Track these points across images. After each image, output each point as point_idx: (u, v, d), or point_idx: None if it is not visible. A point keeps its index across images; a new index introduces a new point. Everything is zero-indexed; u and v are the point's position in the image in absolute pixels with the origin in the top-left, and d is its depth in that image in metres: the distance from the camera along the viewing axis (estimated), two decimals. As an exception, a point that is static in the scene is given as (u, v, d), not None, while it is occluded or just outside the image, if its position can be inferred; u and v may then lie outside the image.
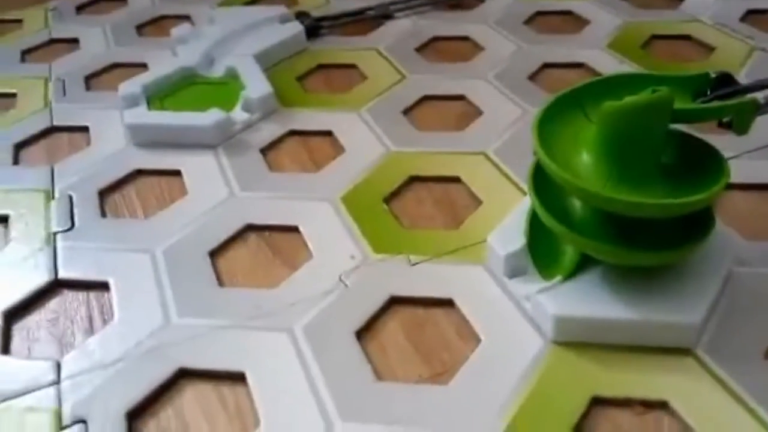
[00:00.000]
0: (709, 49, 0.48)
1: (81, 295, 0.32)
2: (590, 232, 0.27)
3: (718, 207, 0.34)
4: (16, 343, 0.30)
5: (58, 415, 0.26)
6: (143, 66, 0.50)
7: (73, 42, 0.55)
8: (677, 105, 0.26)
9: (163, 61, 0.49)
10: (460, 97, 0.45)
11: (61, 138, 0.44)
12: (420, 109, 0.44)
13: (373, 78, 0.47)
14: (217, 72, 0.47)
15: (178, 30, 0.52)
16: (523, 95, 0.44)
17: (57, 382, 0.27)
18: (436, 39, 0.52)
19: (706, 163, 0.27)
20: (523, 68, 0.47)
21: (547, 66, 0.47)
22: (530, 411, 0.25)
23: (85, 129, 0.44)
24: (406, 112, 0.44)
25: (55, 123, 0.45)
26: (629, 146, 0.26)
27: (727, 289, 0.29)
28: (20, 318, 0.31)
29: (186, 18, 0.57)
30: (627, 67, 0.46)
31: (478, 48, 0.50)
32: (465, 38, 0.51)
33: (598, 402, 0.25)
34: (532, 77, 0.46)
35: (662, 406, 0.25)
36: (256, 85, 0.44)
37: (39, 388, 0.27)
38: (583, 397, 0.25)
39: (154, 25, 0.57)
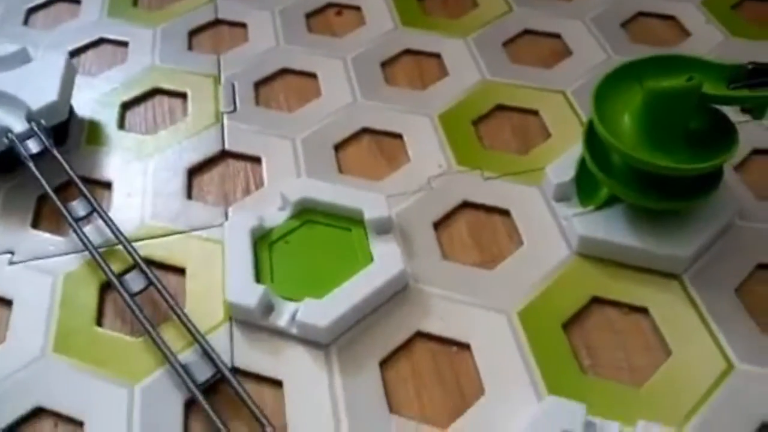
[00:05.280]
0: (799, 16, 0.52)
1: (240, 164, 0.43)
2: (621, 179, 0.35)
3: (747, 168, 0.41)
4: (195, 192, 0.42)
5: (223, 246, 0.38)
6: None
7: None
8: (708, 90, 0.33)
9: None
10: (557, 35, 0.52)
11: (224, 31, 0.55)
12: (519, 42, 0.51)
13: (483, 6, 0.55)
14: None
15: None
16: (612, 41, 0.50)
17: (224, 223, 0.39)
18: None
19: (724, 134, 0.35)
20: (619, 13, 0.53)
21: (641, 14, 0.53)
22: (547, 296, 0.35)
23: (243, 25, 0.54)
24: (506, 44, 0.51)
25: (219, 16, 0.56)
26: (662, 118, 0.34)
27: (727, 235, 0.37)
28: (198, 175, 0.43)
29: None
30: (712, 27, 0.51)
31: (582, -13, 0.56)
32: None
33: (596, 300, 0.35)
34: (625, 24, 0.52)
35: (643, 311, 0.34)
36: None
37: (213, 226, 0.39)
38: (586, 294, 0.35)
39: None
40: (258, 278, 0.35)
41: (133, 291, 0.35)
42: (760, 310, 0.34)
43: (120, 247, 0.37)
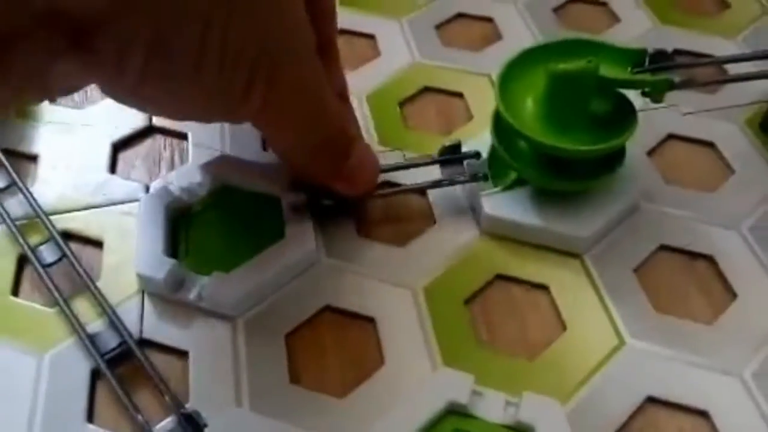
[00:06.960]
0: (725, 5, 0.53)
1: (167, 140, 0.44)
2: (524, 161, 0.37)
3: (660, 152, 0.43)
4: (119, 167, 0.43)
5: (144, 221, 0.39)
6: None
7: None
8: (608, 73, 0.34)
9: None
10: (489, 19, 0.52)
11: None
12: (451, 25, 0.52)
13: (422, -13, 0.55)
14: None
15: None
16: (542, 28, 0.51)
17: (145, 198, 0.40)
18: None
19: (625, 117, 0.36)
20: (551, -1, 0.54)
21: (573, 0, 0.54)
22: (452, 273, 0.36)
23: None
24: (439, 26, 0.52)
25: None
26: (561, 100, 0.35)
27: (632, 217, 0.38)
28: (123, 150, 0.44)
29: None
30: (642, 13, 0.52)
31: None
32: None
33: (500, 277, 0.36)
34: (557, 10, 0.53)
35: (544, 288, 0.36)
36: None
37: (133, 200, 0.40)
38: (491, 272, 0.36)
39: None
40: (170, 252, 0.36)
41: (47, 262, 0.35)
42: (656, 290, 0.36)
43: (39, 220, 0.38)
